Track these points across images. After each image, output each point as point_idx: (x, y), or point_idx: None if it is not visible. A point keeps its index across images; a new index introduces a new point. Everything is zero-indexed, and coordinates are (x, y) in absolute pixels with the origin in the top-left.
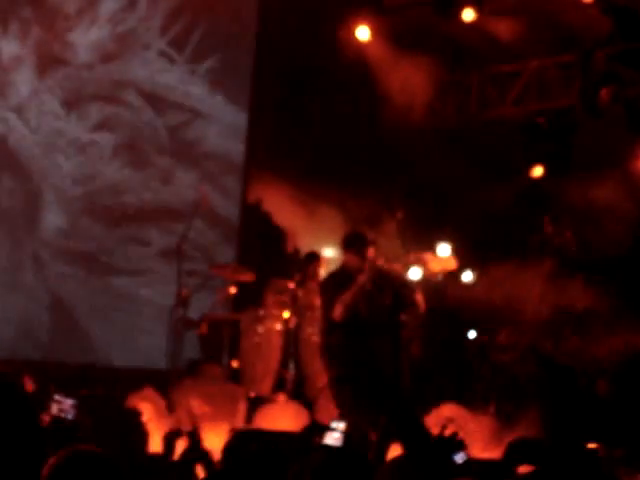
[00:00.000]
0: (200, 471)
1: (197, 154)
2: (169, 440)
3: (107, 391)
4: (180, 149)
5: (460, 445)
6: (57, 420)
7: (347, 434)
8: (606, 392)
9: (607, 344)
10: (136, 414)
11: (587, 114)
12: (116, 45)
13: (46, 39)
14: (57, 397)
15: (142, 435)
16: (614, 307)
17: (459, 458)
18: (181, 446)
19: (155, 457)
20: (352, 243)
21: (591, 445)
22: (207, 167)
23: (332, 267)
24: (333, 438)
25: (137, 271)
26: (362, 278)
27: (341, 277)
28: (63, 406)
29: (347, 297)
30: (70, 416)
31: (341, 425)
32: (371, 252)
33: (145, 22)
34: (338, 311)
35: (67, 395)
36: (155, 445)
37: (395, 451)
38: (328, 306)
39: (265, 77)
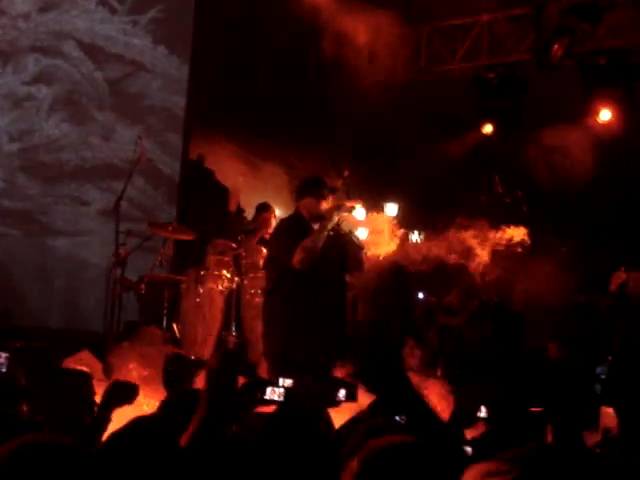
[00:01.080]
0: None
1: (139, 109)
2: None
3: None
4: (121, 104)
5: None
6: None
7: (290, 389)
8: (558, 356)
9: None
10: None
11: (539, 69)
12: None
13: None
14: None
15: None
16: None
17: None
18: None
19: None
20: (312, 187)
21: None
22: (150, 122)
23: None
24: (275, 393)
25: (76, 231)
26: (324, 225)
27: (296, 223)
28: None
29: (308, 243)
30: (3, 369)
31: (287, 381)
32: (331, 200)
33: None
34: (299, 256)
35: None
36: None
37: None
38: (283, 250)
39: (208, 29)
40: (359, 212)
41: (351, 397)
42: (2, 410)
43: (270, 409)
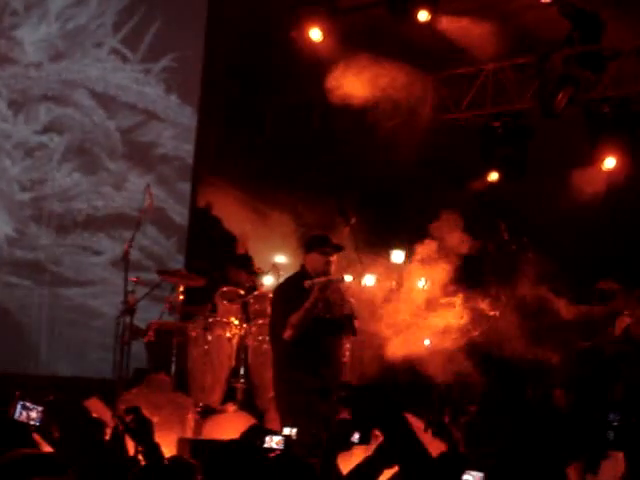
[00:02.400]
0: None
1: (151, 158)
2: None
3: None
4: (133, 152)
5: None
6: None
7: (289, 438)
8: (564, 403)
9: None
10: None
11: (544, 117)
12: (66, 43)
13: None
14: (25, 404)
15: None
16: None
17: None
18: None
19: None
20: (318, 244)
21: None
22: (162, 171)
23: (285, 273)
24: (274, 442)
25: (87, 281)
26: (310, 301)
27: (297, 285)
28: (31, 413)
29: (295, 321)
30: (37, 422)
31: (293, 431)
32: (335, 258)
33: (97, 19)
34: (289, 332)
35: (34, 401)
36: None
37: (346, 459)
38: (279, 322)
39: (216, 78)
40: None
41: (365, 440)
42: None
43: None
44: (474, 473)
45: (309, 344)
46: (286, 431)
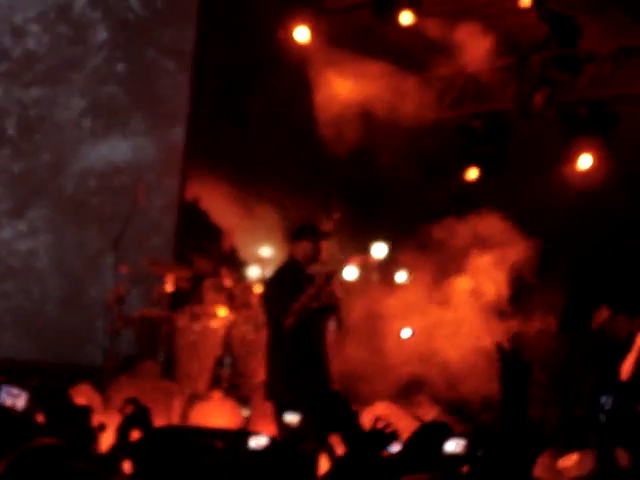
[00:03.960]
0: (128, 467)
1: None
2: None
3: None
4: None
5: (393, 437)
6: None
7: (274, 439)
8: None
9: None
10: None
11: (522, 117)
12: None
13: None
14: (10, 389)
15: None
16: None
17: (393, 449)
18: (106, 441)
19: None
20: (308, 232)
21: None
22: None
23: (272, 265)
24: (257, 443)
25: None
26: (317, 285)
27: (291, 274)
28: (16, 397)
29: (297, 306)
30: (20, 406)
31: (295, 418)
32: (325, 245)
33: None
34: (290, 320)
35: (19, 386)
36: None
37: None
38: (280, 307)
39: (203, 76)
40: (349, 271)
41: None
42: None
43: None
44: (457, 440)
45: (305, 332)
46: (288, 417)
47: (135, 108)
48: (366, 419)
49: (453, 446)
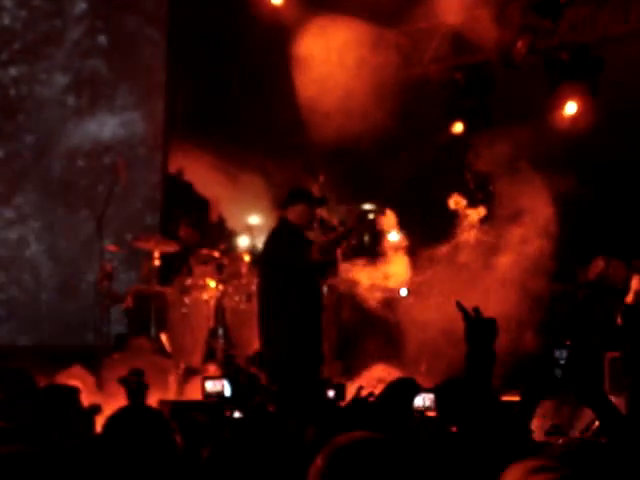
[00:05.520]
0: None
1: None
2: (88, 416)
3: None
4: None
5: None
6: None
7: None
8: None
9: None
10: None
11: (504, 67)
12: None
13: None
14: None
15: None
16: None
17: None
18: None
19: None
20: (304, 196)
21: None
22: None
23: (260, 233)
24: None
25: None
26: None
27: (291, 230)
28: None
29: (325, 246)
30: None
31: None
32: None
33: None
34: (316, 254)
35: None
36: None
37: None
38: (297, 252)
39: (180, 45)
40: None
41: (340, 397)
42: None
43: None
44: (425, 395)
45: (306, 290)
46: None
47: (120, 81)
48: (364, 381)
49: (422, 401)
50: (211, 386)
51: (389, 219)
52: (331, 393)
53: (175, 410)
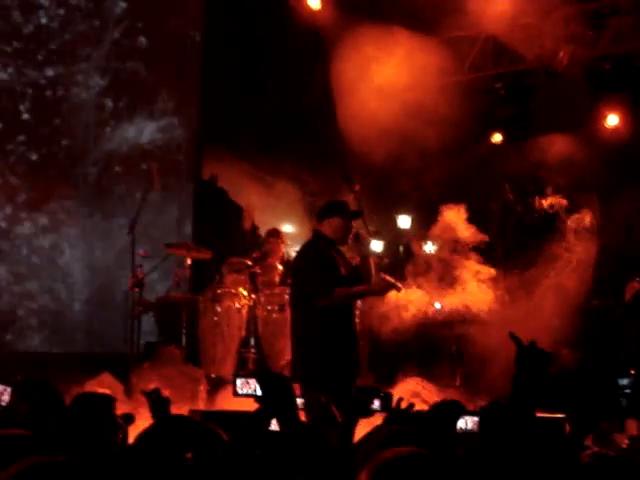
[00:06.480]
0: None
1: None
2: (121, 425)
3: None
4: None
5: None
6: None
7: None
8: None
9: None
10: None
11: (546, 76)
12: None
13: None
14: None
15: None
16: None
17: None
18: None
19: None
20: (340, 209)
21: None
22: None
23: (293, 242)
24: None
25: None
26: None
27: (322, 251)
28: (1, 393)
29: (341, 296)
30: (3, 402)
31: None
32: (356, 224)
33: None
34: (325, 303)
35: (3, 382)
36: None
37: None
38: (314, 288)
39: (217, 49)
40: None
41: (386, 407)
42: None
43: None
44: (469, 417)
45: (337, 310)
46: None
47: (160, 84)
48: (398, 394)
49: (465, 423)
50: (241, 383)
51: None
52: (377, 403)
53: (205, 420)
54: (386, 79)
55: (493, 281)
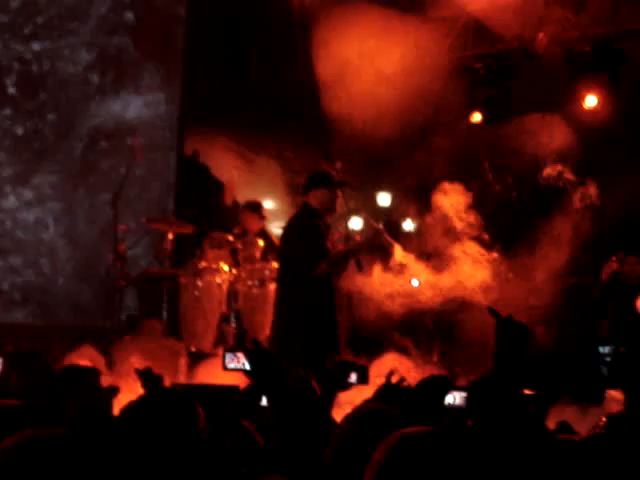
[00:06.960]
0: None
1: None
2: (106, 397)
3: (33, 347)
4: None
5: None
6: None
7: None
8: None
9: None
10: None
11: (526, 58)
12: None
13: None
14: None
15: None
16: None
17: None
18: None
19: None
20: (325, 180)
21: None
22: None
23: (275, 218)
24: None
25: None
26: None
27: (311, 222)
28: None
29: (334, 261)
30: None
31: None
32: (340, 194)
33: None
34: (322, 269)
35: None
36: None
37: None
38: (307, 258)
39: (199, 27)
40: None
41: (362, 380)
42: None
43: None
44: (457, 393)
45: (326, 280)
46: None
47: (147, 60)
48: (374, 370)
49: (453, 399)
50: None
51: None
52: (353, 376)
53: (187, 394)
54: (368, 60)
55: (476, 261)
